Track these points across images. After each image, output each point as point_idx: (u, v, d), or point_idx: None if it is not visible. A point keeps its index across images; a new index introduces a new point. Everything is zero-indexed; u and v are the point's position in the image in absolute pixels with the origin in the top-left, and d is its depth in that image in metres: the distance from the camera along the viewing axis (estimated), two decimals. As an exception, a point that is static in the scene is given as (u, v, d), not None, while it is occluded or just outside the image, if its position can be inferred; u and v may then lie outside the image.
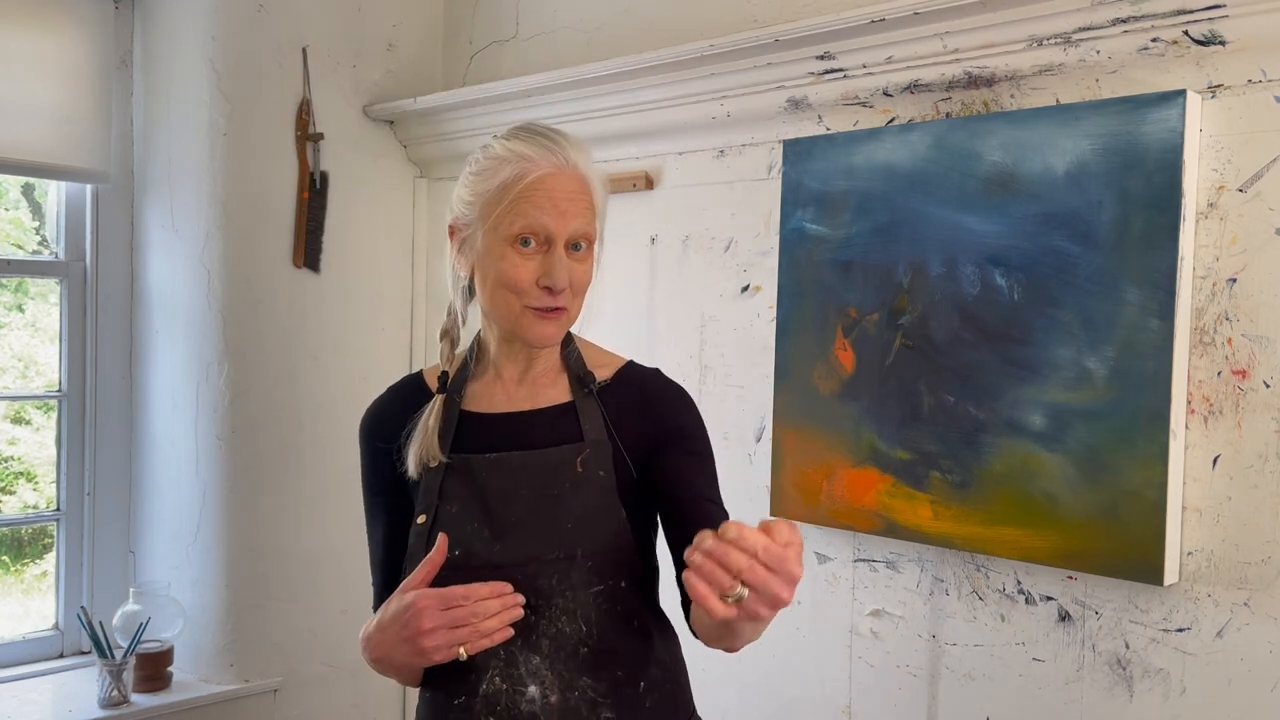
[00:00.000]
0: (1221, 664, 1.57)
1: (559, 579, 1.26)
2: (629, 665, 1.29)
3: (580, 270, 1.29)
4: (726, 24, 2.20)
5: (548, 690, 1.26)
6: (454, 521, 1.28)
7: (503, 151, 1.29)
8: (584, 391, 1.35)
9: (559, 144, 1.29)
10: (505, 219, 1.26)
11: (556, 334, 1.30)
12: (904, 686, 1.91)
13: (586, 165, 1.30)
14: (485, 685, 1.26)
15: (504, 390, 1.36)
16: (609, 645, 1.28)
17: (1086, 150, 1.62)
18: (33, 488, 2.71)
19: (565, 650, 1.26)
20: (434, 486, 1.30)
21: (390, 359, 2.81)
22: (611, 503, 1.30)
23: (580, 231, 1.27)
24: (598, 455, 1.30)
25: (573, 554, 1.26)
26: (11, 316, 2.69)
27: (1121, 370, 1.59)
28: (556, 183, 1.26)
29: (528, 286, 1.26)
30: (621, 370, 1.39)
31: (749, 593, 0.94)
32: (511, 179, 1.26)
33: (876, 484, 1.87)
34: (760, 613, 0.96)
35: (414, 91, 2.76)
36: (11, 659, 2.55)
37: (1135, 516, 1.57)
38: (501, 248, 1.26)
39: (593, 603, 1.27)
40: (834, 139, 1.94)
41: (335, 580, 2.67)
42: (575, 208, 1.27)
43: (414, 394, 1.39)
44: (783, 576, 0.94)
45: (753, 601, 0.95)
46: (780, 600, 0.95)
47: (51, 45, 2.50)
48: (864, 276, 1.89)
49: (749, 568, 0.93)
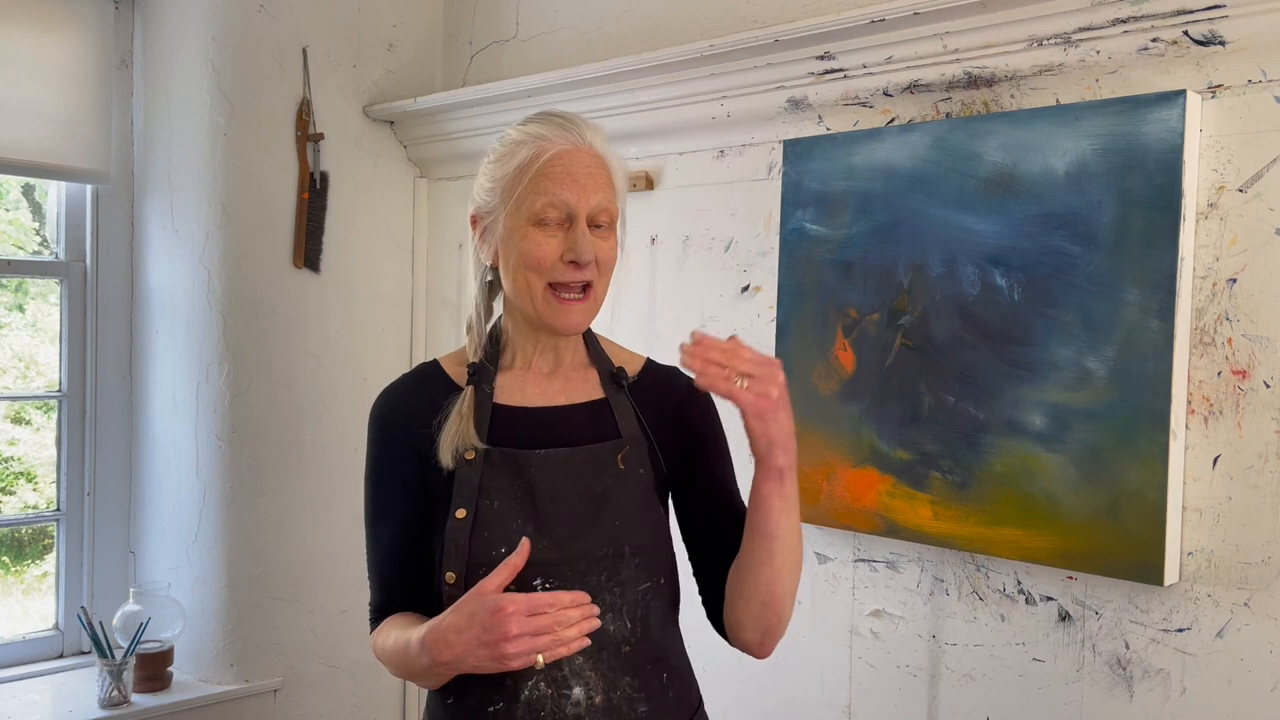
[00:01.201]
0: (1221, 664, 1.57)
1: (608, 576, 1.25)
2: (658, 659, 1.30)
3: (604, 247, 1.28)
4: (726, 24, 2.20)
5: (592, 691, 1.24)
6: (497, 517, 1.25)
7: (519, 135, 1.29)
8: (615, 387, 1.35)
9: (574, 123, 1.29)
10: (526, 198, 1.25)
11: (583, 321, 1.29)
12: (904, 686, 1.91)
13: (603, 146, 1.30)
14: (528, 691, 1.23)
15: (536, 384, 1.34)
16: (649, 642, 1.28)
17: (1086, 150, 1.62)
18: (33, 488, 2.71)
19: (609, 649, 1.25)
20: (473, 480, 1.26)
21: (390, 359, 2.81)
22: (652, 499, 1.31)
23: (601, 207, 1.26)
24: (636, 452, 1.31)
25: (621, 551, 1.26)
26: (11, 316, 2.69)
27: (1122, 370, 1.59)
28: (574, 159, 1.26)
29: (552, 263, 1.25)
30: (645, 367, 1.40)
31: (748, 382, 1.15)
32: (529, 159, 1.26)
33: (877, 484, 1.87)
34: (761, 403, 1.15)
35: (414, 91, 2.76)
36: (11, 659, 2.55)
37: (1135, 516, 1.57)
38: (524, 228, 1.26)
39: (640, 600, 1.27)
40: (834, 139, 1.94)
41: (335, 580, 2.67)
42: (595, 182, 1.26)
43: (434, 382, 1.34)
44: (772, 371, 1.17)
45: (754, 385, 1.15)
46: (770, 393, 1.16)
47: (51, 45, 2.50)
48: (864, 277, 1.89)
49: (750, 364, 1.15)
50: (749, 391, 1.14)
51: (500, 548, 1.23)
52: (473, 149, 2.64)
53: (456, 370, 1.35)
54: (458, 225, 2.78)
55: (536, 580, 1.23)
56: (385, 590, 1.34)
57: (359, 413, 1.42)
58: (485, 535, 1.24)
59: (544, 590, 1.21)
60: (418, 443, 1.30)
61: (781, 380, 1.17)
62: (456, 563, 1.23)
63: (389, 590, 1.33)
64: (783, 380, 1.17)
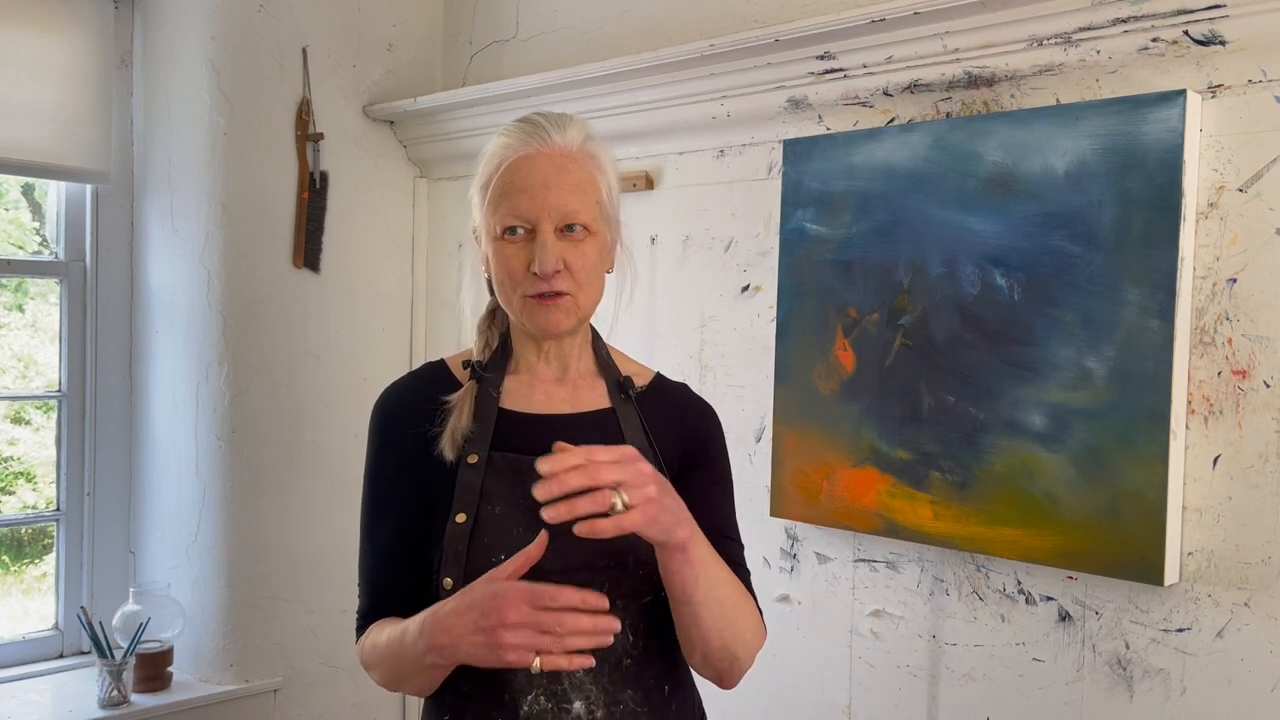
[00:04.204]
0: (1222, 664, 1.57)
1: (610, 588, 1.19)
2: (661, 673, 1.27)
3: (575, 253, 1.22)
4: (726, 24, 2.20)
5: (594, 705, 1.22)
6: (498, 523, 1.22)
7: (492, 146, 1.27)
8: (622, 397, 1.32)
9: (540, 125, 1.24)
10: (492, 213, 1.24)
11: (564, 320, 1.24)
12: (904, 686, 1.91)
13: (575, 145, 1.24)
14: (527, 706, 1.20)
15: (543, 390, 1.31)
16: (649, 655, 1.26)
17: (1086, 150, 1.62)
18: (32, 488, 2.71)
19: (609, 662, 1.22)
20: (474, 484, 1.23)
21: (390, 359, 2.81)
22: None
23: (566, 210, 1.21)
24: None
25: (624, 562, 1.23)
26: (11, 316, 2.69)
27: (1122, 370, 1.59)
28: (533, 165, 1.21)
29: (521, 276, 1.22)
30: (655, 380, 1.38)
31: (625, 493, 1.04)
32: (493, 170, 1.24)
33: (877, 484, 1.87)
34: (650, 510, 1.05)
35: (414, 91, 2.76)
36: (11, 659, 2.55)
37: (1135, 516, 1.57)
38: (495, 243, 1.24)
39: (643, 613, 1.24)
40: (834, 139, 1.94)
41: (335, 580, 2.67)
42: (559, 186, 1.21)
43: (440, 380, 1.32)
44: (636, 467, 1.06)
45: (631, 494, 1.04)
46: (650, 494, 1.05)
47: (51, 45, 2.50)
48: (864, 276, 1.89)
49: (616, 470, 1.03)
50: (634, 510, 1.04)
51: (500, 554, 1.20)
52: (473, 149, 2.63)
53: (461, 370, 1.33)
54: (458, 225, 2.78)
55: None
56: (376, 593, 1.29)
57: (359, 413, 1.42)
58: (485, 541, 1.22)
59: None
60: (419, 443, 1.27)
61: (647, 469, 1.07)
62: (454, 568, 1.20)
63: (380, 593, 1.29)
64: (647, 468, 1.07)
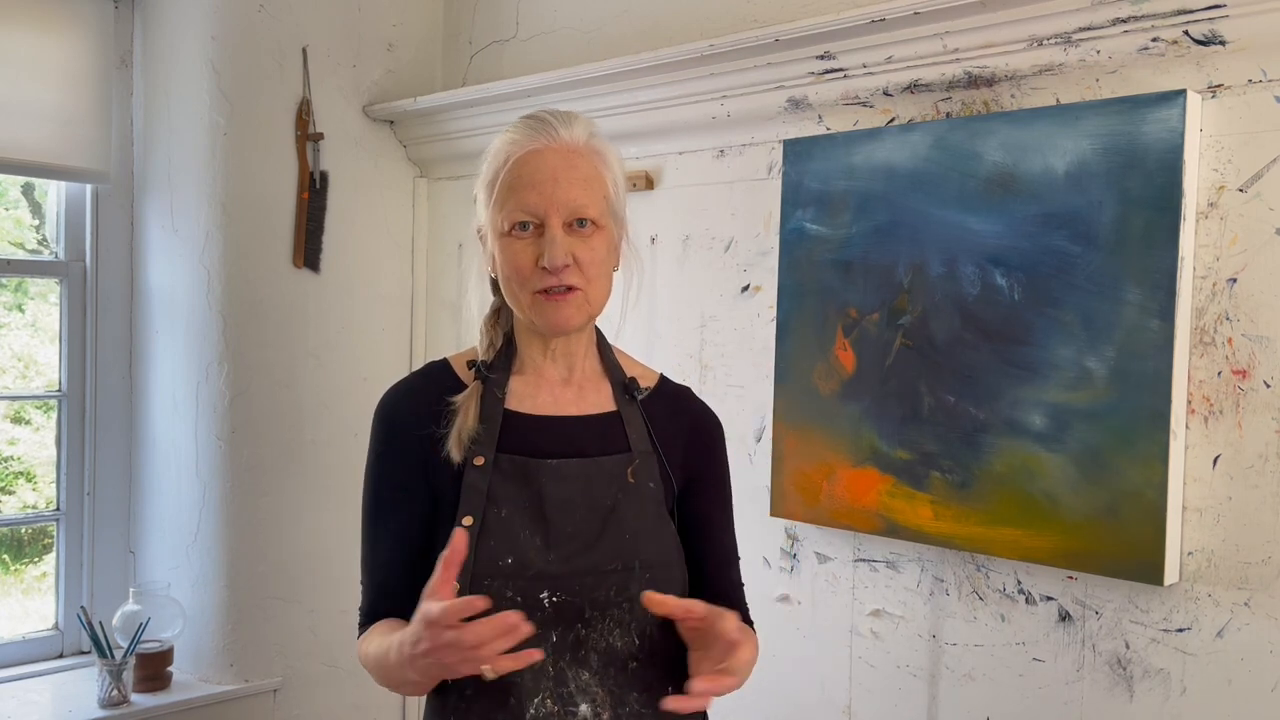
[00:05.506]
0: (1222, 664, 1.57)
1: (616, 591, 1.21)
2: (666, 675, 1.27)
3: (584, 248, 1.22)
4: (726, 24, 2.20)
5: (600, 708, 1.22)
6: (504, 527, 1.21)
7: (497, 144, 1.27)
8: (628, 399, 1.32)
9: (546, 121, 1.24)
10: (499, 209, 1.23)
11: (574, 316, 1.24)
12: (904, 686, 1.91)
13: (586, 141, 1.25)
14: (534, 709, 1.20)
15: (549, 392, 1.31)
16: (656, 658, 1.25)
17: (1087, 150, 1.62)
18: (32, 488, 2.71)
19: (615, 665, 1.23)
20: (480, 487, 1.22)
21: (390, 359, 2.81)
22: (662, 514, 1.28)
23: (575, 204, 1.21)
24: (646, 466, 1.29)
25: (631, 565, 1.23)
26: (11, 316, 2.69)
27: (1122, 370, 1.59)
28: (541, 159, 1.22)
29: (530, 272, 1.22)
30: (660, 383, 1.38)
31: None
32: (499, 166, 1.24)
33: (877, 484, 1.87)
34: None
35: (414, 91, 2.76)
36: (11, 659, 2.55)
37: (1135, 516, 1.57)
38: (503, 239, 1.24)
39: (650, 617, 1.23)
40: (834, 139, 1.94)
41: (335, 580, 2.67)
42: (567, 181, 1.21)
43: (444, 381, 1.31)
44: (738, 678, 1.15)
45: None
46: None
47: (51, 45, 2.50)
48: (864, 276, 1.89)
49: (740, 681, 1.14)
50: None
51: (506, 558, 1.20)
52: (473, 149, 2.64)
53: (466, 370, 1.32)
54: (458, 225, 2.78)
55: (544, 593, 1.20)
56: (378, 594, 1.29)
57: (359, 413, 1.42)
58: (491, 544, 1.21)
59: (550, 603, 1.20)
60: (423, 443, 1.26)
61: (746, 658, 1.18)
62: (460, 572, 1.18)
63: (382, 594, 1.28)
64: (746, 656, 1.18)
